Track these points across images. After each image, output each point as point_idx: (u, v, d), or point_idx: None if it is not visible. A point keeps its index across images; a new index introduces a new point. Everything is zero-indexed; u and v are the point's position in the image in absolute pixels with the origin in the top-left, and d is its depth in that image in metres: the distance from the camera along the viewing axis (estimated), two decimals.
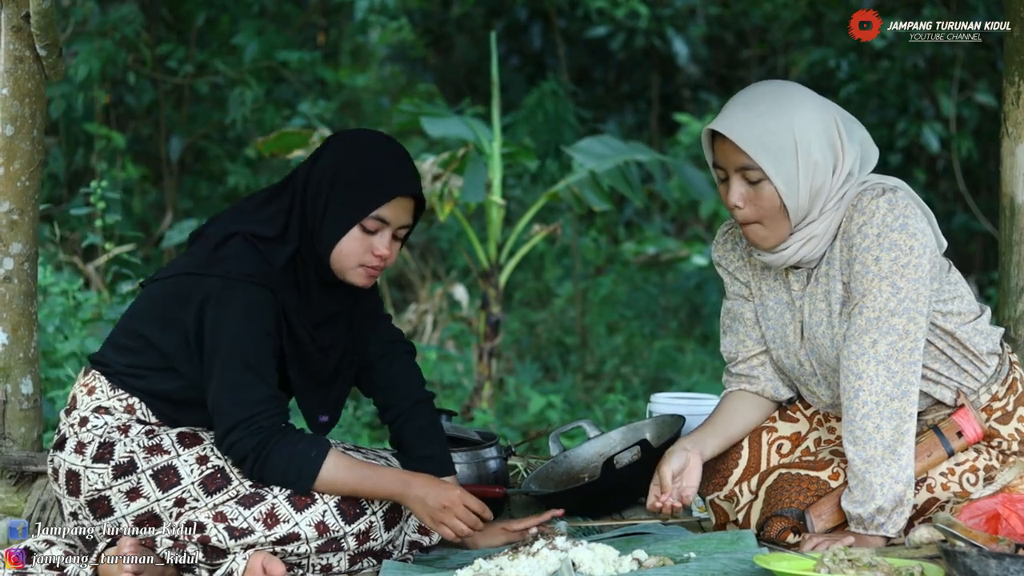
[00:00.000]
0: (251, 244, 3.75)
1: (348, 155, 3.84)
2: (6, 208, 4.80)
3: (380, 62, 15.30)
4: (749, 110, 3.79)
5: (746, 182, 3.80)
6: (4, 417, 4.85)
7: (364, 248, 3.82)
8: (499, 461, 4.76)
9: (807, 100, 3.81)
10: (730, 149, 3.79)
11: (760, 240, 3.87)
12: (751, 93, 3.86)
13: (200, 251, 3.80)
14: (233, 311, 3.68)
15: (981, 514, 3.66)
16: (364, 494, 3.77)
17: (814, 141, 3.75)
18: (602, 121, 15.33)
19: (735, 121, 3.78)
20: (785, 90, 3.85)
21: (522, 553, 3.65)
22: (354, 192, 3.79)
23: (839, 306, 3.85)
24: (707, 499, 4.18)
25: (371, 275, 3.88)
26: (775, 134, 3.74)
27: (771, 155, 3.74)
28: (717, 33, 15.50)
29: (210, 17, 12.36)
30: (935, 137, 12.54)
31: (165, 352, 3.79)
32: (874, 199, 3.76)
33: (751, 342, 4.12)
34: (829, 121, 3.80)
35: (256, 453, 3.66)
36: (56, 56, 4.84)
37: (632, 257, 13.70)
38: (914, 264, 3.72)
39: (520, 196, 12.60)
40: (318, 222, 3.79)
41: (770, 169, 3.74)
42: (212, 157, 12.99)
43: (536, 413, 9.66)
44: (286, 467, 3.68)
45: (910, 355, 3.73)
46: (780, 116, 3.76)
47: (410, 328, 11.45)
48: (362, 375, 4.16)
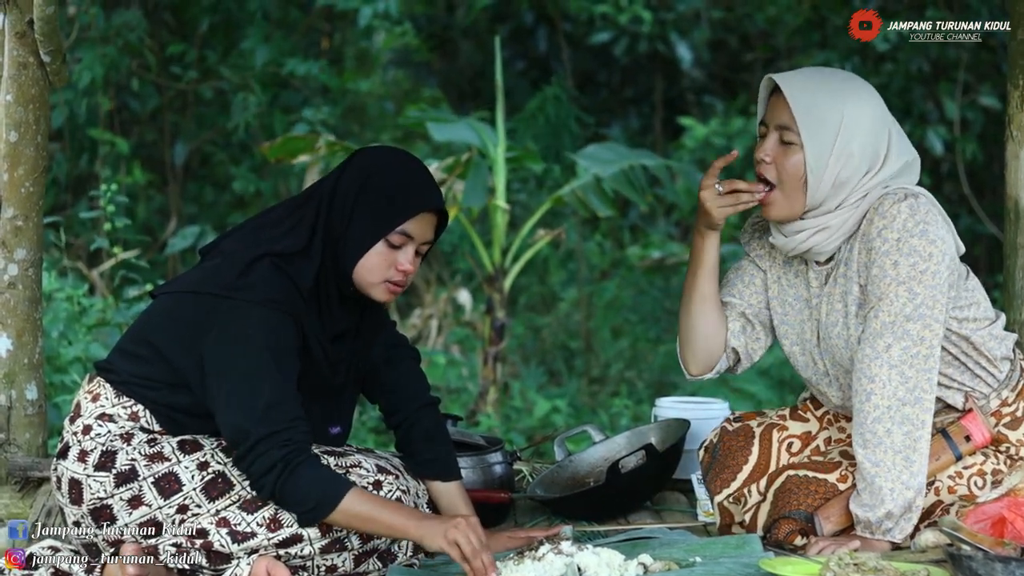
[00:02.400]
0: (277, 268, 3.74)
1: (374, 170, 3.85)
2: (10, 214, 4.81)
3: (384, 67, 15.30)
4: (814, 79, 3.85)
5: (780, 141, 3.83)
6: (9, 423, 4.85)
7: (388, 263, 3.82)
8: (504, 466, 4.75)
9: (872, 99, 3.86)
10: (781, 103, 3.83)
11: (775, 212, 3.89)
12: (828, 70, 3.96)
13: (225, 272, 3.76)
14: (257, 328, 3.66)
15: (987, 518, 3.65)
16: (380, 530, 3.74)
17: (858, 134, 3.79)
18: (606, 126, 15.33)
19: (797, 81, 3.83)
20: (857, 81, 3.91)
21: (527, 558, 3.64)
22: (381, 206, 3.80)
23: (855, 308, 3.85)
24: (715, 500, 4.18)
25: (393, 291, 3.88)
26: (825, 108, 3.78)
27: (813, 124, 3.78)
28: (721, 37, 15.49)
29: (213, 23, 12.37)
30: (939, 140, 12.55)
31: (179, 368, 3.77)
32: (895, 204, 3.76)
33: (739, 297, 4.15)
34: (882, 126, 3.84)
35: (284, 464, 3.61)
36: (60, 62, 4.85)
37: (637, 261, 13.70)
38: (932, 271, 3.72)
39: (525, 200, 12.61)
40: (343, 236, 3.80)
41: (807, 137, 3.77)
42: (216, 163, 13.00)
43: (541, 417, 9.67)
44: (310, 486, 3.64)
45: (924, 362, 3.73)
46: (839, 96, 3.80)
47: (415, 333, 11.47)
48: (367, 381, 4.15)
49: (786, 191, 3.85)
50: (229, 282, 3.72)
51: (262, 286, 3.70)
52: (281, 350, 3.69)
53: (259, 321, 3.67)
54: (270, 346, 3.66)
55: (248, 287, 3.70)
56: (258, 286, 3.70)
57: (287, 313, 3.71)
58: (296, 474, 3.62)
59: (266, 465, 3.62)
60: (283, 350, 3.70)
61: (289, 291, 3.73)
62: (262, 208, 12.59)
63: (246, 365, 3.65)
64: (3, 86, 4.79)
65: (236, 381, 3.64)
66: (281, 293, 3.71)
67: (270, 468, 3.62)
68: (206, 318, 3.72)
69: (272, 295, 3.69)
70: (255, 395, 3.62)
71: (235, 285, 3.71)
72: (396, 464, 4.01)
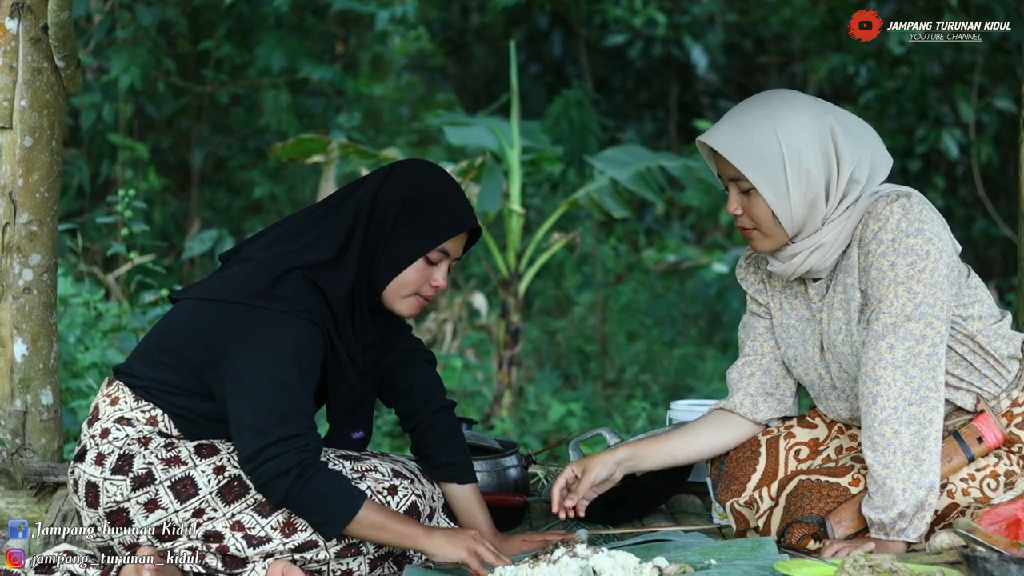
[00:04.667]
0: (308, 280, 3.75)
1: (416, 187, 3.88)
2: (25, 219, 4.82)
3: (399, 72, 15.32)
4: (735, 120, 3.81)
5: (740, 192, 3.83)
6: (24, 428, 4.86)
7: (424, 279, 3.88)
8: (519, 469, 4.75)
9: (797, 107, 3.79)
10: (721, 160, 3.83)
11: (760, 246, 3.90)
12: (744, 103, 3.88)
13: (254, 281, 3.76)
14: (285, 337, 3.67)
15: (1002, 519, 3.65)
16: (389, 540, 3.75)
17: (804, 149, 3.74)
18: (621, 129, 15.34)
19: (721, 132, 3.81)
20: (775, 99, 3.84)
21: (543, 561, 3.64)
22: (424, 224, 3.84)
23: (858, 314, 3.84)
24: (727, 505, 4.17)
25: (421, 305, 3.95)
26: (759, 143, 3.75)
27: (756, 164, 3.75)
28: (735, 41, 15.49)
29: (230, 29, 12.40)
30: (954, 143, 12.53)
31: (201, 375, 3.78)
32: (888, 205, 3.75)
33: (752, 353, 4.14)
34: (822, 127, 3.77)
35: (300, 470, 3.61)
36: (74, 67, 4.86)
37: (652, 265, 13.71)
38: (931, 268, 3.71)
39: (539, 204, 12.61)
40: (381, 251, 3.83)
41: (756, 179, 3.75)
42: (232, 168, 13.02)
43: (556, 421, 9.67)
44: (330, 495, 3.64)
45: (928, 360, 3.72)
46: (765, 124, 3.76)
47: (430, 337, 11.47)
48: (383, 384, 4.16)
49: (765, 230, 3.85)
50: (259, 291, 3.73)
51: (292, 297, 3.71)
52: (306, 360, 3.70)
53: (287, 331, 3.68)
54: (296, 356, 3.67)
55: (278, 298, 3.71)
56: (288, 297, 3.71)
57: (316, 324, 3.72)
58: (313, 483, 3.62)
59: (282, 468, 3.61)
60: (308, 361, 3.71)
61: (318, 303, 3.74)
62: (278, 212, 12.67)
63: (270, 373, 3.65)
64: (18, 92, 4.80)
65: (258, 387, 3.64)
66: (310, 304, 3.72)
67: (286, 472, 3.61)
68: (233, 327, 3.72)
69: (302, 305, 3.71)
70: (276, 402, 3.63)
71: (265, 294, 3.72)
72: (411, 468, 4.01)
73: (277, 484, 3.62)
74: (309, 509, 3.66)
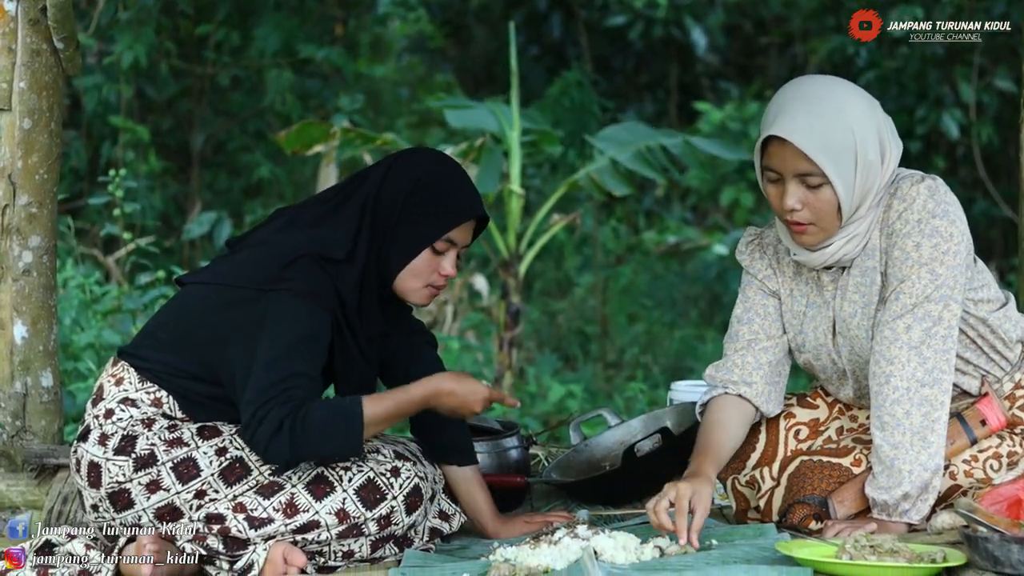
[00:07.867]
0: (320, 266, 3.75)
1: (422, 176, 3.88)
2: (24, 201, 4.81)
3: (398, 53, 15.31)
4: (809, 113, 3.70)
5: (804, 186, 3.74)
6: (25, 410, 4.86)
7: (432, 268, 3.88)
8: (520, 450, 4.75)
9: (860, 98, 3.76)
10: (789, 154, 3.71)
11: (811, 241, 3.82)
12: (805, 93, 3.77)
13: (264, 265, 3.76)
14: (292, 316, 3.66)
15: (1003, 500, 3.65)
16: (404, 414, 3.78)
17: (870, 141, 3.71)
18: (621, 110, 15.33)
19: (797, 127, 3.69)
20: (839, 89, 3.77)
21: (544, 542, 3.65)
22: (429, 213, 3.84)
23: (877, 298, 3.82)
24: (727, 484, 4.17)
25: (433, 295, 3.96)
26: (837, 139, 3.68)
27: (834, 159, 3.68)
28: (735, 22, 15.48)
29: (230, 12, 12.39)
30: (955, 124, 12.53)
31: (208, 360, 3.78)
32: (914, 185, 3.74)
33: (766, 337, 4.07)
34: (880, 118, 3.77)
35: (292, 419, 3.57)
36: (73, 49, 4.85)
37: (652, 246, 13.71)
38: (953, 251, 3.70)
39: (539, 186, 12.61)
40: (389, 242, 3.83)
41: (832, 173, 3.69)
42: (233, 150, 13.01)
43: (556, 402, 9.67)
44: (330, 420, 3.62)
45: (943, 342, 3.71)
46: (840, 118, 3.69)
47: (430, 319, 11.47)
48: (384, 366, 4.16)
49: (822, 224, 3.77)
50: (270, 275, 3.73)
51: (303, 279, 3.71)
52: (313, 337, 3.69)
53: (294, 310, 3.68)
54: (304, 334, 3.67)
55: (288, 279, 3.70)
56: (299, 279, 3.71)
57: (324, 309, 3.72)
58: (309, 419, 3.59)
59: (273, 427, 3.58)
60: (315, 338, 3.70)
61: (328, 288, 3.74)
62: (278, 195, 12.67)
63: (270, 347, 3.65)
64: (17, 73, 4.79)
65: (261, 362, 3.63)
66: (320, 287, 3.72)
67: (278, 429, 3.58)
68: (242, 311, 3.72)
69: (313, 287, 3.70)
70: (270, 372, 3.61)
71: (276, 277, 3.72)
72: (413, 450, 4.01)
73: (276, 445, 3.59)
74: (319, 447, 3.64)
